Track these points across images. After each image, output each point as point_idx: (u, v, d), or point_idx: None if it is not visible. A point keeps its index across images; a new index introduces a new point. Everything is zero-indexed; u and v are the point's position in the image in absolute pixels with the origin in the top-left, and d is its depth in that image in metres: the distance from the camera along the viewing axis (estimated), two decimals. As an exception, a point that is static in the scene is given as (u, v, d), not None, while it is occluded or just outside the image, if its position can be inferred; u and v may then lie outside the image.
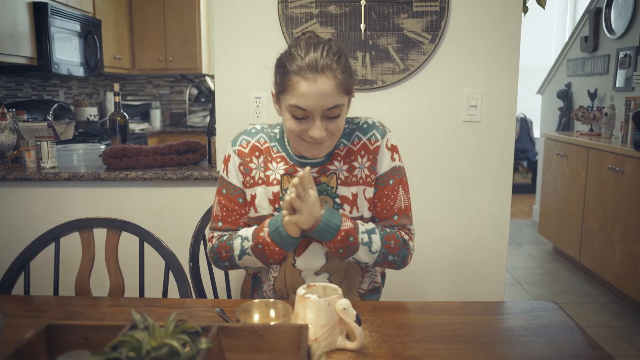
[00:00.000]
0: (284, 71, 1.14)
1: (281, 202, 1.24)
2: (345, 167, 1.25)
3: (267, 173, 1.26)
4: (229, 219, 1.29)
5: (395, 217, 1.27)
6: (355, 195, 1.24)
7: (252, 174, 1.26)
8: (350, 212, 1.24)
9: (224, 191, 1.30)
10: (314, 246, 1.25)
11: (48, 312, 1.20)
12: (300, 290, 1.01)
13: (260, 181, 1.26)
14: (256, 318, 0.97)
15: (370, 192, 1.26)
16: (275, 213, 1.25)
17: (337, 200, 1.24)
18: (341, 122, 1.17)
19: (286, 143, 1.27)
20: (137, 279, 1.43)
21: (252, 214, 1.28)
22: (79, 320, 1.12)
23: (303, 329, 0.78)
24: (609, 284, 3.24)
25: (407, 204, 1.29)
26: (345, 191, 1.24)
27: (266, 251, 1.20)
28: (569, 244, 3.73)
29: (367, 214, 1.27)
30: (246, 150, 1.27)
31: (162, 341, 0.69)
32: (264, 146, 1.27)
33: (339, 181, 1.24)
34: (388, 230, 1.25)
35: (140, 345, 0.68)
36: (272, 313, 0.97)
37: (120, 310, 1.20)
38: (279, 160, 1.26)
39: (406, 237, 1.27)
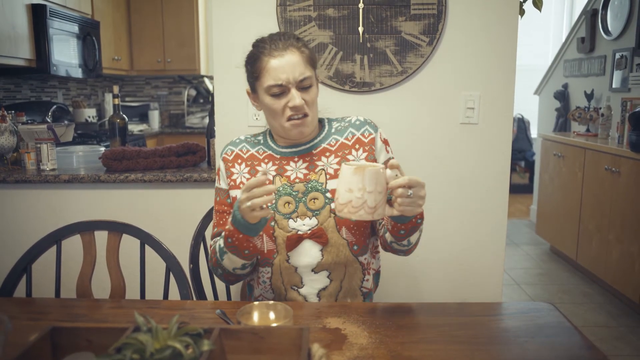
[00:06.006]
0: (253, 60, 1.27)
1: (273, 201, 1.26)
2: (335, 160, 1.31)
3: (258, 176, 1.29)
4: (221, 222, 1.34)
5: None
6: None
7: (234, 177, 1.33)
8: None
9: (218, 198, 1.37)
10: (306, 243, 1.27)
11: (50, 314, 1.21)
12: (350, 165, 1.07)
13: (241, 185, 1.31)
14: (257, 320, 0.98)
15: None
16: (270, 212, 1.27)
17: (328, 194, 1.28)
18: (314, 92, 1.28)
19: (269, 141, 1.35)
20: (138, 280, 1.44)
21: None
22: (82, 323, 1.13)
23: (304, 331, 0.80)
24: (606, 284, 3.26)
25: None
26: (336, 184, 1.27)
27: (235, 242, 1.18)
28: (566, 244, 3.75)
29: None
30: (230, 158, 1.36)
31: (165, 343, 0.70)
32: (247, 154, 1.35)
33: (328, 176, 1.29)
34: None
35: (144, 348, 0.69)
36: (272, 315, 0.98)
37: (122, 312, 1.21)
38: (266, 160, 1.33)
39: None
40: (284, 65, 1.22)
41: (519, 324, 1.12)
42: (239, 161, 1.35)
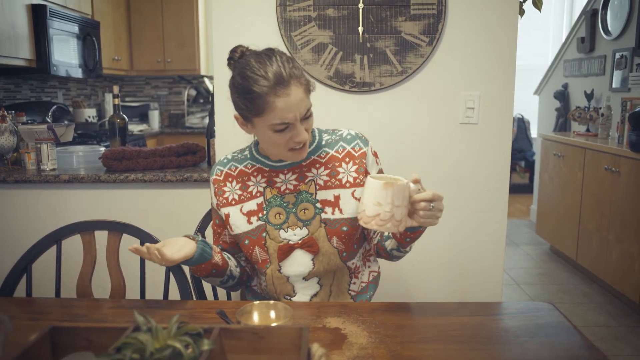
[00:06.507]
0: (252, 96, 1.17)
1: (264, 212, 1.29)
2: (325, 172, 1.31)
3: (250, 190, 1.32)
4: (213, 239, 1.41)
5: None
6: (337, 197, 1.29)
7: (225, 195, 1.34)
8: (333, 213, 1.28)
9: (212, 216, 1.41)
10: (297, 252, 1.28)
11: (50, 314, 1.21)
12: (376, 179, 1.08)
13: (233, 202, 1.32)
14: (257, 320, 0.98)
15: (359, 192, 1.30)
16: (259, 223, 1.29)
17: (318, 205, 1.29)
18: (312, 118, 1.25)
19: (257, 155, 1.34)
20: (138, 280, 1.45)
21: (231, 232, 1.34)
22: (82, 322, 1.13)
23: (304, 330, 0.80)
24: (606, 284, 3.26)
25: None
26: (325, 195, 1.29)
27: (197, 272, 1.28)
28: (566, 244, 3.75)
29: (353, 214, 1.29)
30: (221, 178, 1.36)
31: (165, 343, 0.70)
32: (236, 172, 1.35)
33: (318, 186, 1.30)
34: None
35: (144, 347, 0.69)
36: (272, 314, 0.98)
37: (122, 312, 1.21)
38: (255, 174, 1.33)
39: None
40: (291, 105, 1.15)
41: (519, 323, 1.12)
42: (230, 179, 1.34)
